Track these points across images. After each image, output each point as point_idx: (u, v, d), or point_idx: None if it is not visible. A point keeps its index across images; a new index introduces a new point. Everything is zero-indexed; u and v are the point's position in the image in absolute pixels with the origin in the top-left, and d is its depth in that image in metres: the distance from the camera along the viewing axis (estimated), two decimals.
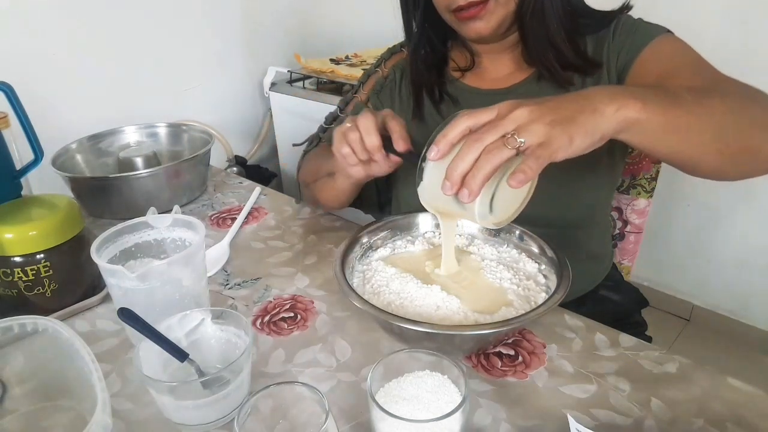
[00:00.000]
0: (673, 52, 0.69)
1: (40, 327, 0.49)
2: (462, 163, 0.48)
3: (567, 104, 0.49)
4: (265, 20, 2.01)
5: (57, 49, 1.49)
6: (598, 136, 0.49)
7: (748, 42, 1.48)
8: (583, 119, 0.48)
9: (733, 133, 0.55)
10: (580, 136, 0.48)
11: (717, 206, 1.70)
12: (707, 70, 0.65)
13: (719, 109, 0.54)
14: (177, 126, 1.10)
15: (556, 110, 0.49)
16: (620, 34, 0.73)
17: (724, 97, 0.56)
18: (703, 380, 0.55)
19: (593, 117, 0.49)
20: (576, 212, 0.78)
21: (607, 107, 0.49)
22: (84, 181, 0.93)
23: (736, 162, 0.57)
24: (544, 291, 0.61)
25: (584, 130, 0.48)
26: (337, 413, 0.52)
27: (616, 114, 0.49)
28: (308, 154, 0.94)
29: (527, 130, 0.47)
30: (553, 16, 0.70)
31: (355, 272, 0.65)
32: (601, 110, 0.49)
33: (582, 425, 0.49)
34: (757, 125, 0.55)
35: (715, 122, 0.54)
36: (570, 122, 0.48)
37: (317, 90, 1.83)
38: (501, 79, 0.80)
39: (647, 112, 0.50)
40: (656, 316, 1.86)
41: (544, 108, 0.49)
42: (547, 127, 0.47)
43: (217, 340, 0.56)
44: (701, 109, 0.54)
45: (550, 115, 0.48)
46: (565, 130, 0.47)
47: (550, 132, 0.47)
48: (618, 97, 0.50)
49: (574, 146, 0.48)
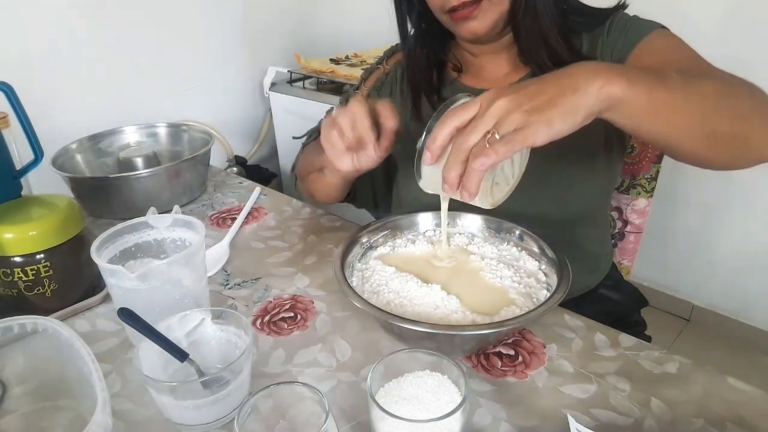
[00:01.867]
0: (666, 47, 0.68)
1: (40, 327, 0.49)
2: (454, 169, 0.49)
3: (547, 87, 0.49)
4: (265, 20, 2.01)
5: (57, 49, 1.49)
6: (580, 115, 0.48)
7: (749, 41, 1.48)
8: (563, 100, 0.47)
9: (723, 118, 0.53)
10: (559, 117, 0.47)
11: (717, 206, 1.70)
12: (701, 62, 0.64)
13: (709, 92, 0.53)
14: (177, 126, 1.10)
15: (535, 95, 0.48)
16: (614, 31, 0.73)
17: (715, 81, 0.55)
18: (703, 380, 0.55)
19: (574, 97, 0.48)
20: (574, 211, 0.78)
21: (590, 85, 0.48)
22: (84, 181, 0.92)
23: (723, 149, 0.56)
24: (546, 288, 0.61)
25: (564, 111, 0.47)
26: (337, 413, 0.52)
27: (599, 92, 0.48)
28: (307, 146, 0.95)
29: (505, 123, 0.47)
30: (545, 14, 0.70)
31: (354, 272, 0.65)
32: (583, 89, 0.48)
33: (582, 425, 0.49)
34: (747, 112, 0.54)
35: (704, 105, 0.52)
36: (549, 106, 0.47)
37: (317, 90, 1.83)
38: (498, 79, 0.80)
39: (632, 90, 0.49)
40: (656, 316, 1.86)
41: (522, 95, 0.48)
42: (525, 115, 0.47)
43: (217, 340, 0.56)
44: (690, 90, 0.52)
45: (528, 102, 0.48)
46: (543, 114, 0.47)
47: (527, 119, 0.47)
48: (602, 73, 0.49)
49: (555, 129, 0.47)
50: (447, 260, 0.66)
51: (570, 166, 0.74)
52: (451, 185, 0.50)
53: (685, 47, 0.68)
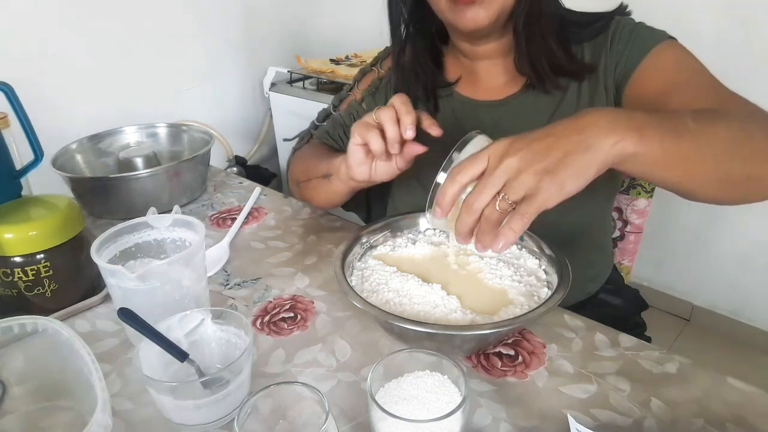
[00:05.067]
0: (674, 63, 0.66)
1: (40, 327, 0.49)
2: (465, 226, 0.50)
3: (559, 142, 0.47)
4: (265, 20, 2.02)
5: (57, 49, 1.49)
6: (592, 172, 0.47)
7: (749, 40, 1.48)
8: (575, 159, 0.46)
9: (736, 162, 0.52)
10: (571, 179, 0.46)
11: (717, 206, 1.69)
12: (711, 87, 0.63)
13: (722, 136, 0.52)
14: (177, 126, 1.10)
15: (546, 153, 0.47)
16: (619, 41, 0.70)
17: (728, 123, 0.53)
18: (703, 380, 0.55)
19: (586, 155, 0.46)
20: (574, 222, 0.77)
21: (603, 144, 0.47)
22: (84, 182, 0.93)
23: (736, 191, 0.55)
24: (546, 286, 0.61)
25: (576, 171, 0.46)
26: (337, 413, 0.52)
27: (611, 149, 0.47)
28: (298, 151, 0.93)
29: (515, 185, 0.46)
30: (547, 17, 0.69)
31: (354, 271, 0.65)
32: (595, 147, 0.47)
33: (582, 425, 0.49)
34: (761, 152, 0.53)
35: (717, 152, 0.51)
36: (560, 167, 0.46)
37: (317, 90, 1.84)
38: (495, 90, 0.78)
39: (644, 145, 0.48)
40: (656, 316, 1.86)
41: (533, 152, 0.47)
42: (536, 177, 0.46)
43: (217, 341, 0.56)
44: (703, 137, 0.51)
45: (539, 162, 0.46)
46: (555, 178, 0.46)
47: (538, 184, 0.46)
48: (616, 129, 0.47)
49: (565, 191, 0.47)
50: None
51: None
52: (464, 239, 0.51)
53: (694, 62, 0.66)
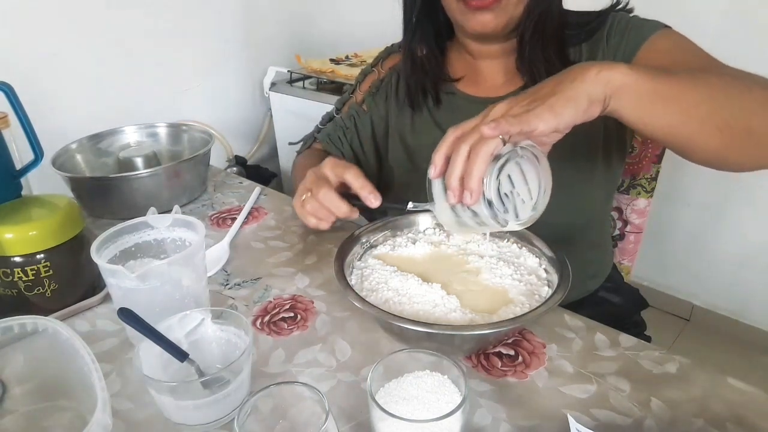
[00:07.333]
0: (670, 47, 0.66)
1: (40, 327, 0.49)
2: (456, 168, 0.48)
3: (545, 84, 0.49)
4: (265, 20, 2.02)
5: (57, 49, 1.49)
6: (582, 101, 0.47)
7: (749, 39, 1.48)
8: (563, 88, 0.47)
9: (735, 110, 0.50)
10: (561, 103, 0.47)
11: (717, 206, 1.70)
12: (712, 61, 0.62)
13: (718, 82, 0.51)
14: (177, 126, 1.10)
15: (534, 93, 0.49)
16: (614, 36, 0.71)
17: (724, 75, 0.53)
18: (703, 380, 0.55)
19: (574, 84, 0.47)
20: (573, 219, 0.77)
21: (587, 72, 0.48)
22: (84, 181, 0.92)
23: (739, 145, 0.52)
24: (547, 285, 0.61)
25: (565, 98, 0.47)
26: (337, 413, 0.52)
27: (597, 76, 0.47)
28: (300, 156, 0.95)
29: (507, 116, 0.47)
30: (552, 29, 0.70)
31: (354, 270, 0.65)
32: (581, 77, 0.48)
33: (582, 425, 0.49)
34: (760, 106, 0.51)
35: (714, 95, 0.50)
36: (549, 96, 0.47)
37: (317, 90, 1.84)
38: (496, 87, 0.79)
39: (633, 76, 0.48)
40: (656, 316, 1.86)
41: (521, 96, 0.49)
42: (525, 107, 0.47)
43: (217, 341, 0.56)
44: (697, 80, 0.50)
45: (527, 99, 0.48)
46: (545, 102, 0.47)
47: (527, 108, 0.47)
48: (599, 63, 0.49)
49: (559, 116, 0.46)
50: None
51: (568, 174, 0.74)
52: (454, 189, 0.49)
53: (693, 46, 0.65)
